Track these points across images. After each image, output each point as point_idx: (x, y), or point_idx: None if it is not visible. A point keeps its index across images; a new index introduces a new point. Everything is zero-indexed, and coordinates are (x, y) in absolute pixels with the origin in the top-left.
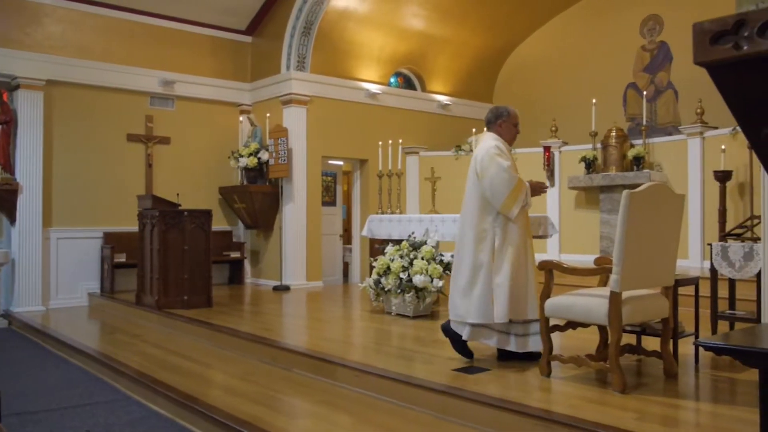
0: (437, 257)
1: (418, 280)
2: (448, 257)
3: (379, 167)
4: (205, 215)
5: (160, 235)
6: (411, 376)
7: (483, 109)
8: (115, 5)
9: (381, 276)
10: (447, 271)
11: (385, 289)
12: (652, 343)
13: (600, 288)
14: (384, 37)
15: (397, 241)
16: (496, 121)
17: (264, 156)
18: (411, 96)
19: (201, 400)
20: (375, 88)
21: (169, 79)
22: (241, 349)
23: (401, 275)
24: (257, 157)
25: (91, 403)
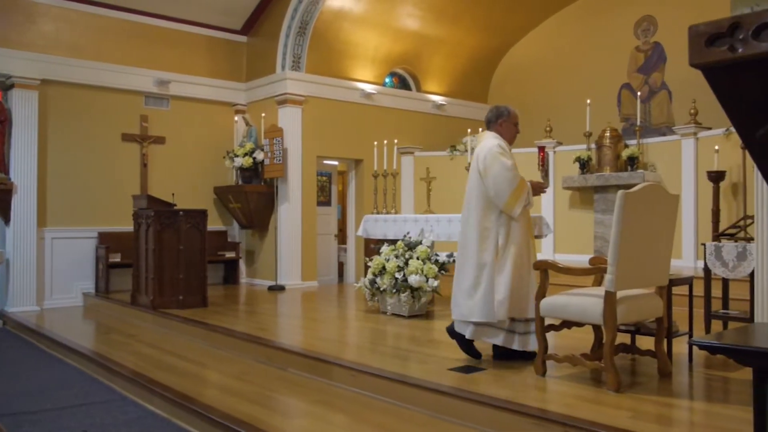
0: (432, 257)
1: (414, 279)
2: (443, 257)
3: (374, 167)
4: (201, 215)
5: (155, 235)
6: (406, 375)
7: (478, 110)
8: (110, 5)
9: (376, 276)
10: (442, 271)
11: (381, 289)
12: (646, 343)
13: (595, 288)
14: (379, 37)
15: (393, 241)
16: (496, 121)
17: (259, 156)
18: (406, 96)
19: (197, 400)
20: (370, 88)
21: (164, 78)
22: (237, 348)
23: (396, 275)
24: (252, 157)
25: (87, 404)
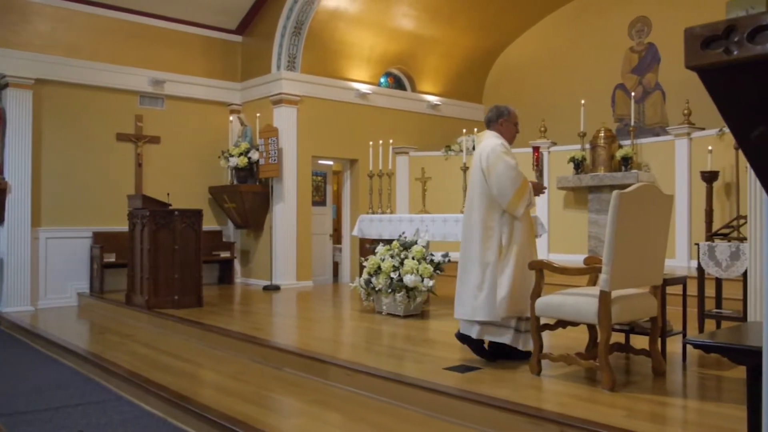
0: (428, 257)
1: (409, 279)
2: (438, 257)
3: (369, 167)
4: (196, 215)
5: (150, 235)
6: (402, 375)
7: (472, 110)
8: (105, 4)
9: (372, 275)
10: (438, 271)
11: (376, 289)
12: (640, 342)
13: (589, 287)
14: (374, 38)
15: (388, 241)
16: (497, 120)
17: (254, 156)
18: (401, 96)
19: (193, 400)
20: (365, 88)
21: (158, 78)
22: (233, 348)
23: (392, 275)
24: (247, 157)
25: (83, 404)
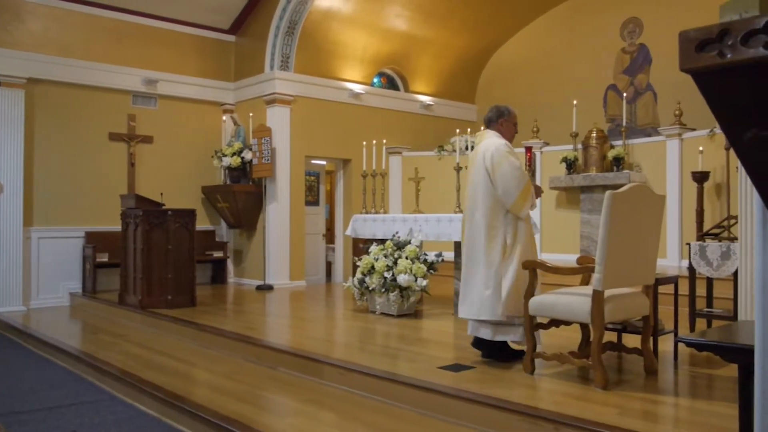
0: (421, 256)
1: (403, 279)
2: (431, 256)
3: (362, 167)
4: (189, 215)
5: (143, 235)
6: (396, 374)
7: (465, 110)
8: (98, 3)
9: (365, 275)
10: (431, 271)
11: (370, 288)
12: (632, 341)
13: (582, 287)
14: (367, 38)
15: (381, 241)
16: (497, 120)
17: (247, 155)
18: (394, 96)
19: (187, 399)
20: (358, 88)
21: (151, 77)
22: (226, 348)
23: (385, 274)
24: (240, 157)
25: (77, 404)
